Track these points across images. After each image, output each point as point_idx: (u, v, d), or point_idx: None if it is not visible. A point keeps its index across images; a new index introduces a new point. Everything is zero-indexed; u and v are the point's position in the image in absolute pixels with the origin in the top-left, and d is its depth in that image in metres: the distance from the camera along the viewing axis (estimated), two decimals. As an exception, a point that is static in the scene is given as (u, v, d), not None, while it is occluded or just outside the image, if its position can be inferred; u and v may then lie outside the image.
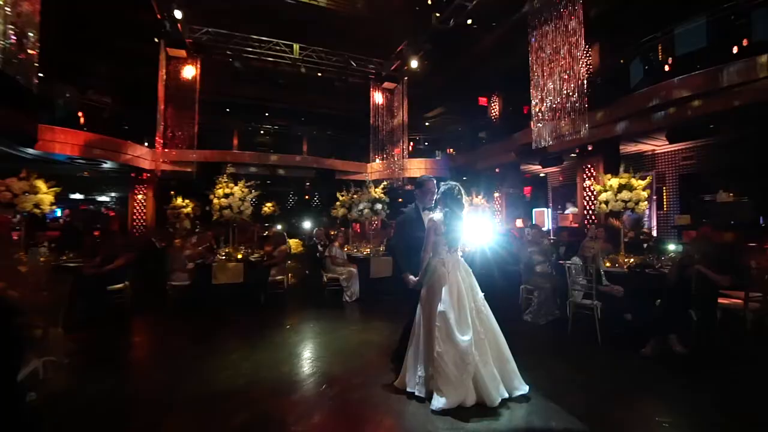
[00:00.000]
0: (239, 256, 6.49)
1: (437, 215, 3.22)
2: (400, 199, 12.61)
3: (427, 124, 18.18)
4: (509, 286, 6.18)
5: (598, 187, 5.55)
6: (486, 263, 6.10)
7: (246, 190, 6.64)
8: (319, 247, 7.94)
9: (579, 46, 5.51)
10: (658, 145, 9.15)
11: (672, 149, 9.08)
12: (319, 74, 10.05)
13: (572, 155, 10.06)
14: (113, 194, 16.44)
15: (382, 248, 7.99)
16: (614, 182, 5.31)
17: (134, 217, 11.04)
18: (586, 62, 5.61)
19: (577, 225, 9.03)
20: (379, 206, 7.96)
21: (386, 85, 10.84)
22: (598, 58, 8.27)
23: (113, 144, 9.62)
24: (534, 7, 5.79)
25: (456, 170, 14.40)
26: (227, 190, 6.39)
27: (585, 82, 5.61)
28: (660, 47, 8.01)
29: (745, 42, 6.60)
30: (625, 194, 5.16)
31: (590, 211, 8.60)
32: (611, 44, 8.40)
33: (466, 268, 3.22)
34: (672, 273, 4.13)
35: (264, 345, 4.41)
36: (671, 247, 4.18)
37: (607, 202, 5.32)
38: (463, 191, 3.30)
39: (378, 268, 7.48)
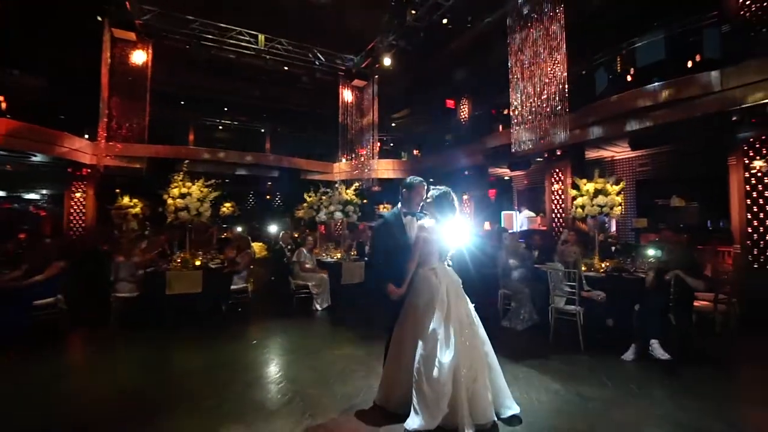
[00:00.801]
0: (197, 263, 5.87)
1: (429, 222, 2.97)
2: (365, 200, 12.34)
3: (393, 124, 18.05)
4: (486, 289, 6.08)
5: (573, 192, 5.59)
6: (464, 266, 5.97)
7: (205, 189, 6.02)
8: (286, 251, 7.44)
9: (560, 50, 5.53)
10: (618, 152, 9.59)
11: (630, 156, 9.55)
12: (286, 68, 9.47)
13: (538, 159, 10.32)
14: (45, 192, 14.61)
15: (353, 252, 7.66)
16: (590, 187, 5.36)
17: (71, 218, 9.80)
18: (557, 68, 5.62)
19: (545, 228, 9.22)
20: (350, 208, 7.62)
21: (356, 82, 10.48)
22: (566, 65, 8.48)
23: (44, 134, 8.43)
24: (517, 8, 5.73)
25: (423, 172, 14.36)
26: (184, 190, 5.74)
27: (566, 85, 5.63)
28: (620, 58, 8.39)
29: (698, 57, 7.04)
30: (600, 199, 5.22)
31: (559, 215, 8.81)
32: (578, 53, 8.66)
33: (456, 278, 3.00)
34: (651, 278, 4.18)
35: (228, 365, 3.90)
36: (650, 252, 4.24)
37: (583, 207, 5.36)
38: (455, 197, 3.08)
39: (350, 273, 7.14)
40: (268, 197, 18.65)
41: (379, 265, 3.03)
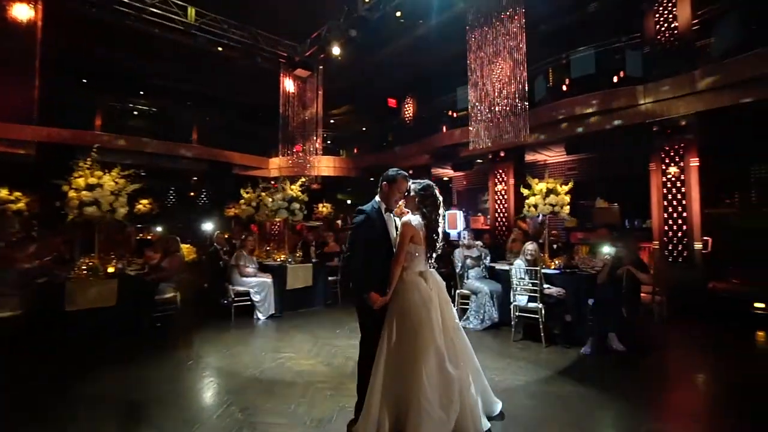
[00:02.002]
0: (110, 270, 4.84)
1: (415, 219, 2.66)
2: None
3: (332, 121, 17.51)
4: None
5: (526, 191, 5.73)
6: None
7: (122, 181, 4.99)
8: (221, 254, 6.58)
9: (520, 51, 5.63)
10: (550, 156, 10.31)
11: (560, 160, 10.33)
12: (220, 49, 8.40)
13: (479, 161, 10.67)
14: None
15: (298, 254, 7.06)
16: (542, 186, 5.53)
17: None
18: (518, 68, 5.75)
19: (489, 227, 9.52)
20: (296, 206, 7.00)
21: (299, 72, 9.76)
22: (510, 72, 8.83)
23: None
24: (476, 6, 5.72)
25: (365, 170, 14.15)
26: (93, 180, 4.67)
27: (526, 84, 5.77)
28: (553, 70, 9.00)
29: (622, 74, 7.80)
30: (552, 198, 5.40)
31: (502, 215, 9.16)
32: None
33: (442, 282, 2.76)
34: (603, 274, 4.37)
35: (159, 398, 3.15)
36: (605, 249, 4.45)
37: (536, 206, 5.51)
38: (437, 190, 2.84)
39: (295, 277, 6.55)
40: (192, 194, 16.81)
41: (360, 270, 2.59)
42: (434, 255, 2.68)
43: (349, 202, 17.52)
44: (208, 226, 10.10)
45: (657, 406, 2.98)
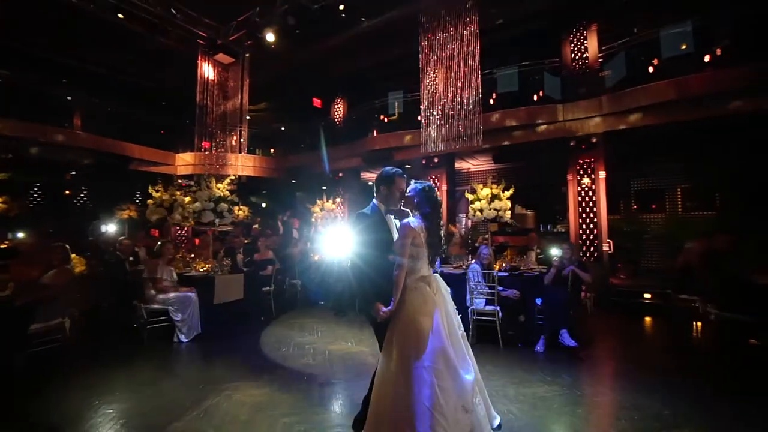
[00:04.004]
0: (-44, 293, 3.50)
1: (414, 221, 2.42)
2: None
3: (248, 117, 16.16)
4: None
5: (471, 197, 5.90)
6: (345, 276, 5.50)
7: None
8: (126, 265, 5.38)
9: (475, 57, 5.76)
10: (474, 164, 10.99)
11: (483, 168, 11.08)
12: (120, 16, 6.86)
13: (407, 166, 10.84)
14: None
15: (226, 262, 6.15)
16: (486, 192, 5.73)
17: None
18: (471, 72, 5.92)
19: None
20: (225, 206, 6.13)
21: (220, 57, 8.60)
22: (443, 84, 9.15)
23: None
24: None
25: (290, 171, 13.36)
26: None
27: (480, 88, 5.93)
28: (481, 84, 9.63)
29: (541, 93, 8.68)
30: (497, 203, 5.63)
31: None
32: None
33: (446, 286, 2.57)
34: (550, 275, 4.65)
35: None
36: (553, 251, 4.74)
37: (482, 210, 5.69)
38: (437, 192, 2.65)
39: (225, 289, 5.69)
40: (67, 192, 13.73)
41: (365, 279, 2.30)
42: (437, 258, 2.46)
43: (264, 205, 16.31)
44: (98, 231, 8.24)
45: (633, 411, 3.17)
